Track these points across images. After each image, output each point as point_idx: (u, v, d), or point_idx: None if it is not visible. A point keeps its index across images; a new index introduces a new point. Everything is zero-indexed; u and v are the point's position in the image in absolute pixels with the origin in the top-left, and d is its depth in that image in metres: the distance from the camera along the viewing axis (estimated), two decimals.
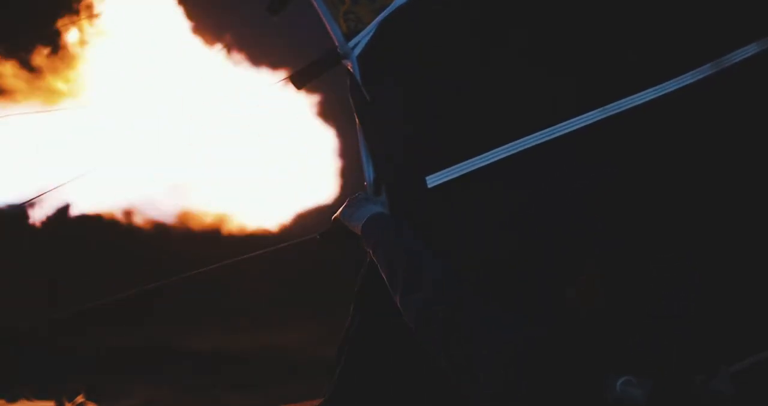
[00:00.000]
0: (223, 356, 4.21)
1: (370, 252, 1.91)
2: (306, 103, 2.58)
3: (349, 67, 2.17)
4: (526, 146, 2.06)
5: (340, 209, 2.04)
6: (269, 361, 4.16)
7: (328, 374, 2.06)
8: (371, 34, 2.17)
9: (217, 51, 2.87)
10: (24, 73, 3.38)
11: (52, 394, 3.99)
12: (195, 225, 3.42)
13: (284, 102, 2.61)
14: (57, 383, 4.01)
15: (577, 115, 2.06)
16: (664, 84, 2.06)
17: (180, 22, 2.96)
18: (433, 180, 2.06)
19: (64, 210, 3.30)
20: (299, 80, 2.25)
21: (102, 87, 3.16)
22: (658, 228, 1.94)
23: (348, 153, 2.23)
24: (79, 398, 4.02)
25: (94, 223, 3.43)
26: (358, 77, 2.15)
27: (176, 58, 2.85)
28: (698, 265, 1.88)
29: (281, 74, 2.46)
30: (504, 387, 1.55)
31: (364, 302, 2.04)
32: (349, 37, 2.17)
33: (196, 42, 2.94)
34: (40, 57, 3.38)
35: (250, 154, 2.83)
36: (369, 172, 2.13)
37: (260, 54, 2.83)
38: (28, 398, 3.97)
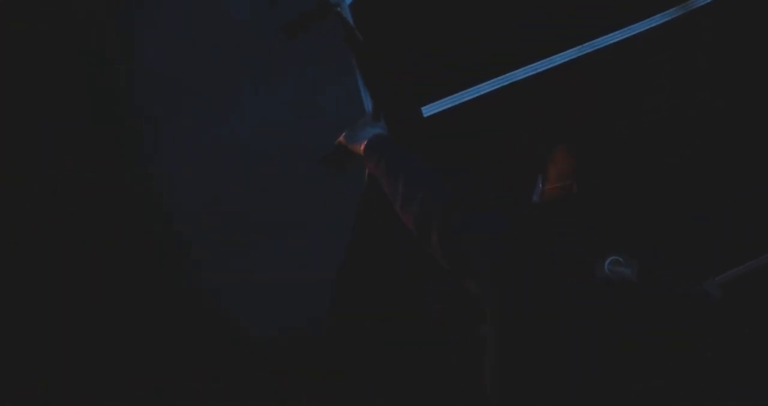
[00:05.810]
0: None
1: (372, 166, 2.08)
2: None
3: (341, 13, 2.35)
4: (513, 80, 2.28)
5: (343, 133, 2.21)
6: None
7: None
8: None
9: None
10: None
11: None
12: None
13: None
14: None
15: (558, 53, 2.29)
16: (634, 25, 2.31)
17: None
18: (428, 110, 2.26)
19: None
20: (293, 29, 2.42)
21: None
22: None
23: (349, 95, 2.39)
24: None
25: None
26: (350, 21, 2.33)
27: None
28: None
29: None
30: (498, 276, 1.71)
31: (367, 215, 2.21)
32: None
33: None
34: None
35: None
36: (367, 103, 2.30)
37: None
38: None
